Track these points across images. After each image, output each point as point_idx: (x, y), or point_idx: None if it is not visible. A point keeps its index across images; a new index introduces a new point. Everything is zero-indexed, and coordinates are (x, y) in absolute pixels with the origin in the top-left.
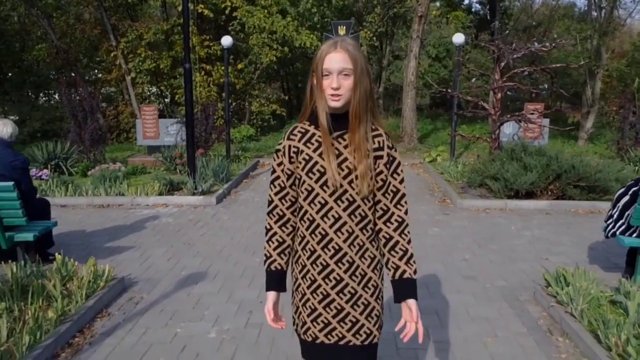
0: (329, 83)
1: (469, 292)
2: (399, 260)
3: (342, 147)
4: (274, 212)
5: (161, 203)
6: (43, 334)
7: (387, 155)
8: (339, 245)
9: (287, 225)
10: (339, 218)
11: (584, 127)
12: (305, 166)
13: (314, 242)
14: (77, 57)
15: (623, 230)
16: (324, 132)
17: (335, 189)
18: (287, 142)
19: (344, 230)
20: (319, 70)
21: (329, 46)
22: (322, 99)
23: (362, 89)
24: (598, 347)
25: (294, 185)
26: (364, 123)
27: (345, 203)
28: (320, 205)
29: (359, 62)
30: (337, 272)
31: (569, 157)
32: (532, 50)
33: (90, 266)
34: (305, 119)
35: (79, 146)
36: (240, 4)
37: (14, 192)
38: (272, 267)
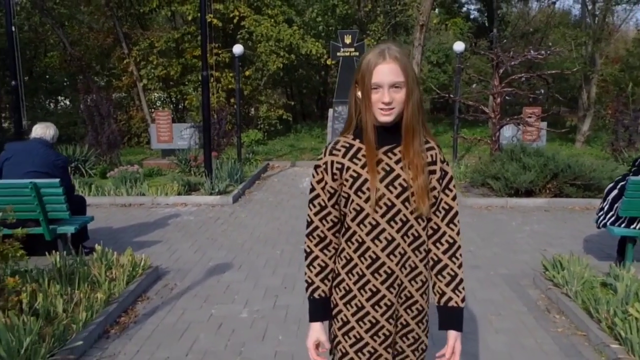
0: (380, 97)
1: (475, 279)
2: (445, 286)
3: (393, 163)
4: (314, 234)
5: (180, 202)
6: (94, 313)
7: (440, 170)
8: (392, 269)
9: (329, 248)
10: (392, 240)
11: (580, 130)
12: (354, 184)
13: (362, 265)
14: (89, 64)
15: (613, 221)
16: (370, 149)
17: (388, 209)
18: (329, 158)
19: (397, 253)
20: (366, 83)
21: (377, 56)
22: (369, 113)
23: (414, 101)
24: (590, 321)
25: (336, 205)
26: (418, 136)
27: (399, 224)
28: (371, 227)
29: (410, 72)
30: (388, 298)
31: (565, 157)
32: (528, 58)
33: (128, 255)
34: (350, 132)
35: (96, 149)
36: (248, 14)
37: (60, 188)
38: (316, 295)
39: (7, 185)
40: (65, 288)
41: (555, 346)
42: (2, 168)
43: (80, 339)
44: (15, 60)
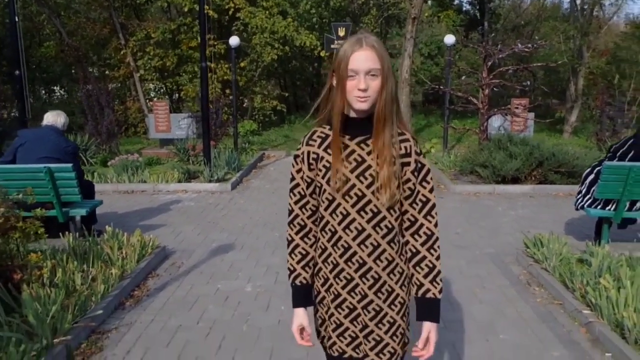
0: (356, 84)
1: (462, 258)
2: (423, 277)
3: (365, 154)
4: (294, 222)
5: (181, 189)
6: (110, 287)
7: (415, 161)
8: (363, 259)
9: (309, 236)
10: (363, 230)
11: (568, 120)
12: (326, 174)
13: (336, 255)
14: (86, 54)
15: (590, 203)
16: (336, 135)
17: (358, 199)
18: (306, 148)
19: (368, 244)
20: (342, 71)
21: (353, 44)
22: (341, 101)
23: (388, 90)
24: (565, 292)
25: (314, 194)
26: (389, 127)
27: (369, 214)
28: (342, 216)
29: (386, 61)
30: (361, 287)
31: (550, 146)
32: (515, 51)
33: (137, 236)
34: (325, 122)
35: (96, 139)
36: (243, 5)
37: (72, 173)
38: (298, 281)
39: (22, 169)
40: (81, 265)
41: (533, 314)
42: (16, 154)
43: (100, 309)
44: (18, 50)
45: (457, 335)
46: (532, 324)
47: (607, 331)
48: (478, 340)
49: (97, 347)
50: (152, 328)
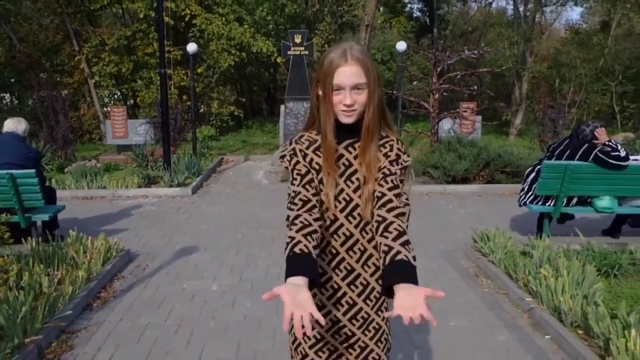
0: (341, 99)
1: (415, 253)
2: (392, 240)
3: (352, 158)
4: (295, 199)
5: (141, 194)
6: (77, 288)
7: (395, 156)
8: (352, 266)
9: (313, 211)
10: (351, 236)
11: (513, 123)
12: (317, 176)
13: (323, 262)
14: (39, 61)
15: (531, 200)
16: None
17: (347, 204)
18: (295, 145)
19: (357, 249)
20: (327, 84)
21: (339, 57)
22: (331, 113)
23: (375, 102)
24: (510, 282)
25: (307, 185)
26: (376, 138)
27: (357, 219)
28: (330, 222)
29: (372, 73)
30: (349, 296)
31: (496, 148)
32: (463, 57)
33: (101, 240)
34: (313, 128)
35: (51, 145)
36: (199, 12)
37: (35, 179)
38: (297, 249)
39: None
40: (47, 268)
41: (481, 303)
42: None
43: (69, 310)
44: None
45: (411, 324)
46: (480, 312)
47: (546, 315)
48: (430, 327)
49: (68, 346)
50: (121, 327)
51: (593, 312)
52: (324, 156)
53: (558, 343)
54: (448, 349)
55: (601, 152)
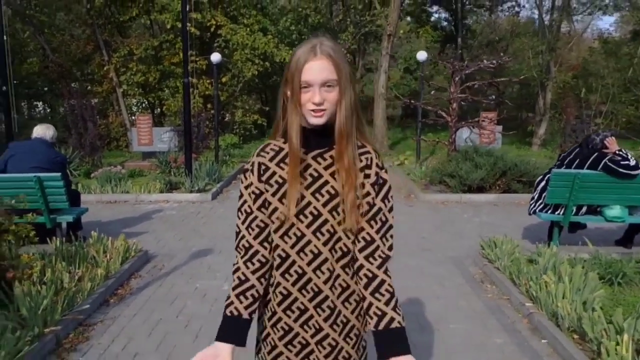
0: (310, 97)
1: (425, 259)
2: (385, 305)
3: (322, 169)
4: (240, 244)
5: (163, 199)
6: (96, 285)
7: (375, 174)
8: (319, 287)
9: (252, 261)
10: (319, 254)
11: (537, 133)
12: (278, 191)
13: (288, 283)
14: (70, 70)
15: (541, 208)
16: (294, 155)
17: (314, 219)
18: (256, 159)
19: (325, 269)
20: (295, 82)
21: (307, 52)
22: (297, 115)
23: (347, 101)
24: (513, 288)
25: (263, 208)
26: (352, 142)
27: (326, 236)
28: (296, 238)
29: (344, 70)
30: (316, 319)
31: (513, 157)
32: (481, 67)
33: (121, 240)
34: (280, 135)
35: (79, 152)
36: (225, 23)
37: (61, 181)
38: (228, 311)
39: (14, 178)
40: (69, 266)
41: (484, 307)
42: (7, 165)
43: (87, 304)
44: (5, 66)
45: (411, 325)
46: (481, 316)
47: (544, 320)
48: (430, 329)
49: (84, 337)
50: (135, 321)
51: (588, 317)
52: (290, 163)
53: (553, 347)
54: (444, 349)
55: (611, 161)
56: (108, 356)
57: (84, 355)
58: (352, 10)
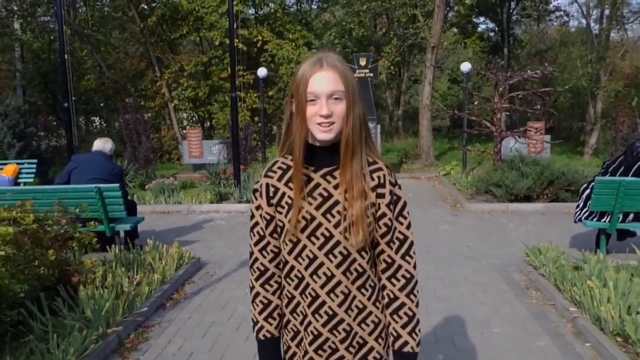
0: (317, 110)
1: (468, 267)
2: (401, 328)
3: (332, 188)
4: (254, 266)
5: (213, 210)
6: (153, 290)
7: (390, 193)
8: (333, 310)
9: (270, 283)
10: (332, 276)
11: (588, 142)
12: (289, 212)
13: (304, 304)
14: (124, 87)
15: (586, 216)
16: (297, 168)
17: (326, 240)
18: (264, 180)
19: (339, 292)
20: (300, 95)
21: (312, 65)
22: (302, 129)
23: (355, 114)
24: (558, 294)
25: (275, 233)
26: (358, 156)
27: (339, 258)
28: (309, 260)
29: (350, 82)
30: (331, 342)
31: (560, 166)
32: (525, 77)
33: (175, 248)
34: (288, 152)
35: (134, 164)
36: (270, 38)
37: (119, 192)
38: (261, 335)
39: (76, 189)
40: (127, 272)
41: (527, 313)
42: (70, 176)
43: (145, 307)
44: (67, 84)
45: (455, 330)
46: (525, 321)
47: (588, 324)
48: (474, 334)
49: (144, 338)
50: (190, 324)
51: (631, 320)
52: (294, 181)
53: (597, 350)
54: (487, 352)
55: None
56: (166, 355)
57: (144, 355)
58: (395, 23)
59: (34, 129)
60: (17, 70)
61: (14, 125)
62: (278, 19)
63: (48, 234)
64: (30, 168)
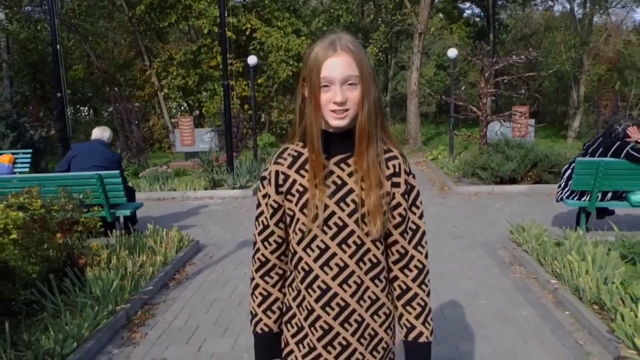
0: (331, 97)
1: (456, 246)
2: (415, 318)
3: (346, 175)
4: (255, 257)
5: (207, 196)
6: (156, 270)
7: (405, 183)
8: (346, 301)
9: (270, 274)
10: (345, 267)
11: (571, 126)
12: (299, 200)
13: (311, 298)
14: (114, 76)
15: (567, 195)
16: (317, 159)
17: (339, 230)
18: (274, 167)
19: (352, 282)
20: (313, 80)
21: (326, 48)
22: (318, 116)
23: (370, 100)
24: (540, 268)
25: (281, 223)
26: (374, 143)
27: (353, 247)
28: (319, 251)
29: (365, 66)
30: (343, 336)
31: (544, 149)
32: (510, 62)
33: (175, 232)
34: (298, 139)
35: (127, 153)
36: (259, 26)
37: (119, 178)
38: (258, 328)
39: (78, 176)
40: (130, 255)
41: (511, 285)
42: (70, 164)
43: (150, 286)
44: (59, 74)
45: (444, 301)
46: (509, 293)
47: (567, 294)
48: (461, 305)
49: (150, 314)
50: (193, 301)
51: (606, 289)
52: (310, 170)
53: (575, 317)
54: (474, 321)
55: (633, 149)
56: (172, 329)
57: (152, 329)
58: (383, 10)
59: (26, 120)
60: (4, 61)
61: (6, 116)
62: (266, 6)
63: (55, 219)
64: (25, 158)
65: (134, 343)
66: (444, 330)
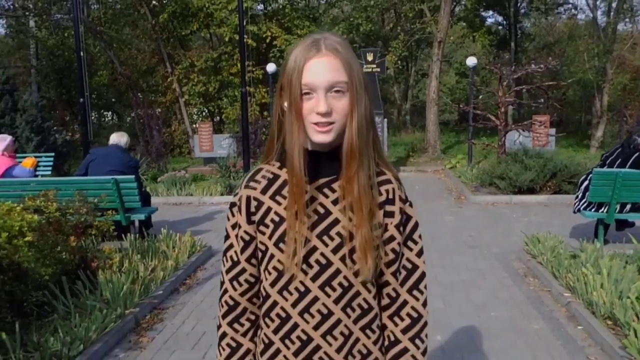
0: (313, 106)
1: (470, 255)
2: None
3: (330, 203)
4: (222, 300)
5: (224, 201)
6: (167, 275)
7: (399, 212)
8: (331, 356)
9: (240, 321)
10: (329, 314)
11: (594, 135)
12: (275, 232)
13: (289, 352)
14: (137, 82)
15: (585, 207)
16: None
17: (322, 269)
18: (245, 192)
19: (337, 333)
20: (294, 87)
21: (307, 48)
22: (299, 131)
23: (361, 112)
24: (554, 280)
25: (253, 259)
26: (366, 165)
27: (338, 291)
28: (298, 295)
29: (356, 71)
30: None
31: (563, 158)
32: (529, 71)
33: (188, 236)
34: (274, 158)
35: (147, 158)
36: (279, 34)
37: (135, 183)
38: None
39: (94, 180)
40: (143, 259)
41: (524, 298)
42: (88, 168)
43: (160, 291)
44: (82, 80)
45: (454, 313)
46: (521, 305)
47: (580, 308)
48: (472, 316)
49: (159, 318)
50: (202, 306)
51: (620, 304)
52: (289, 196)
53: (588, 332)
54: (483, 332)
55: None
56: (180, 334)
57: (159, 334)
58: (403, 18)
59: (50, 124)
60: (32, 67)
61: (31, 120)
62: (286, 14)
63: (69, 222)
64: (47, 161)
65: (140, 347)
66: (451, 341)
